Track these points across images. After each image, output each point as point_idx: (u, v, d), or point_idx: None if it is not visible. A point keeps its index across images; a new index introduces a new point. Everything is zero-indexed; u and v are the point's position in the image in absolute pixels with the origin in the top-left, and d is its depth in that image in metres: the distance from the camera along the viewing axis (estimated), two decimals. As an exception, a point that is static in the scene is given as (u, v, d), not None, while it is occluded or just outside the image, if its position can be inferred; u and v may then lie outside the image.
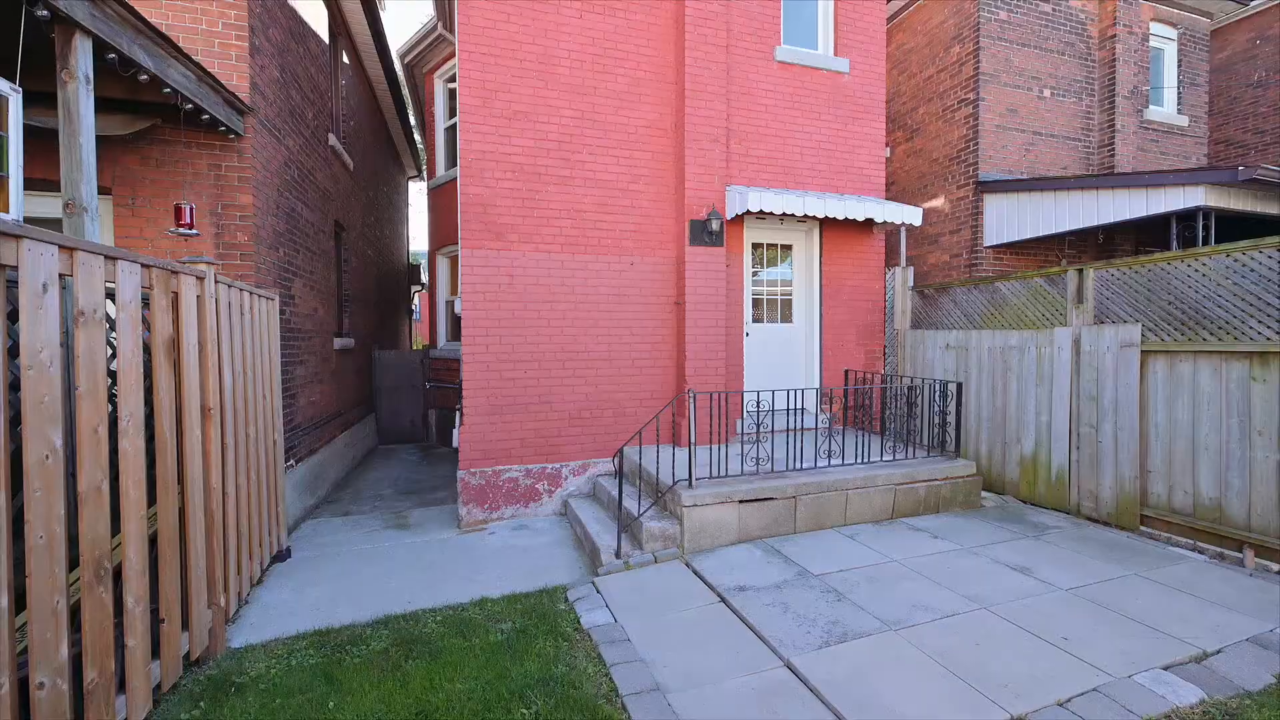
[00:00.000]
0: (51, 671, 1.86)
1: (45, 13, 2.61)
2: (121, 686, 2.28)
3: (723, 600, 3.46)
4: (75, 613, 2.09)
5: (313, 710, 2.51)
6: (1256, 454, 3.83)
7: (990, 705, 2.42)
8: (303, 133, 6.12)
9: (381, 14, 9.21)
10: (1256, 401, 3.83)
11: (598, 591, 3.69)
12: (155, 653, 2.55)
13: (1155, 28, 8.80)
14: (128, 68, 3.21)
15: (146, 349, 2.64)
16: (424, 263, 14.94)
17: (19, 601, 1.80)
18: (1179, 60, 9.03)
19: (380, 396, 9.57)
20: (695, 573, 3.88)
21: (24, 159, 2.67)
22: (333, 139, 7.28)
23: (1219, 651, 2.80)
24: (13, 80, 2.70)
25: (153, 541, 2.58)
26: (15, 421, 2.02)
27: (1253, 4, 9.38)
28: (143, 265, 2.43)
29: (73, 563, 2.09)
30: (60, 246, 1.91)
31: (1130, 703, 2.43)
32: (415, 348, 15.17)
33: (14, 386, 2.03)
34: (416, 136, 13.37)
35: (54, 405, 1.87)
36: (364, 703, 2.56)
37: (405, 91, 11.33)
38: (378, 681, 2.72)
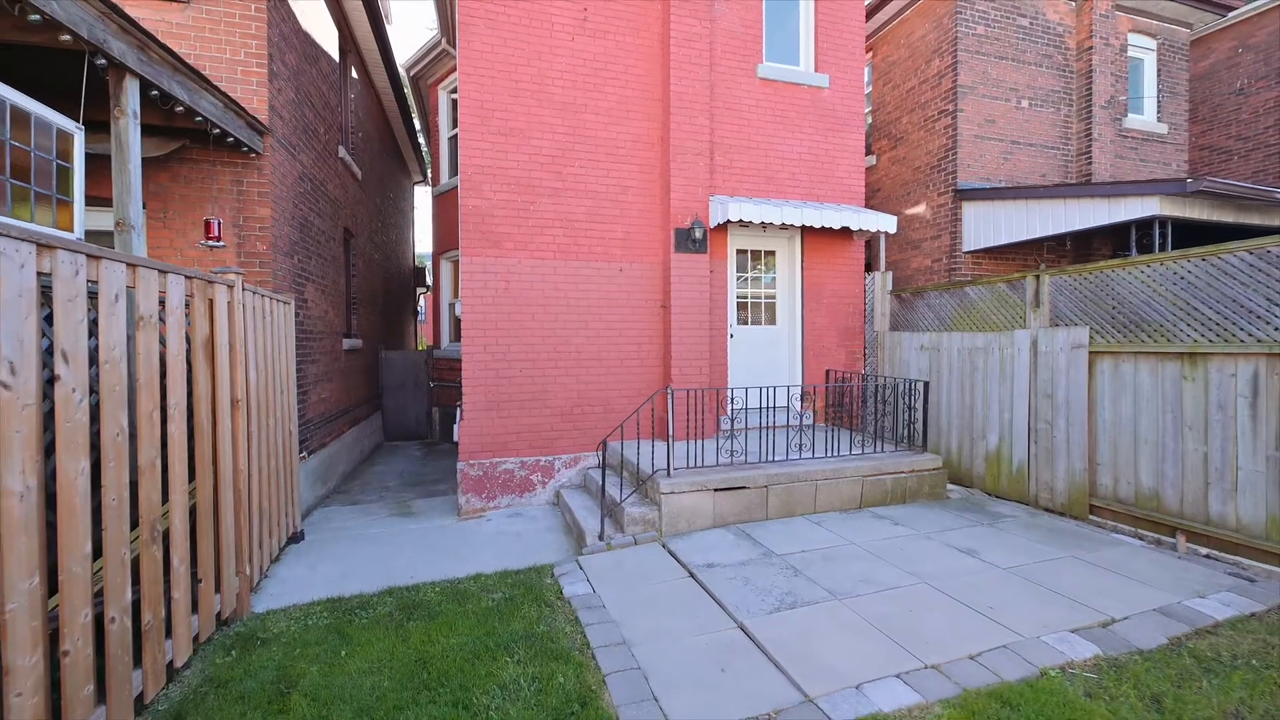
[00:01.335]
0: (120, 610, 2.28)
1: (103, 61, 3.05)
2: (168, 632, 2.70)
3: (691, 575, 3.85)
4: (133, 566, 2.51)
5: (328, 658, 2.93)
6: (1187, 447, 4.17)
7: (909, 657, 2.79)
8: (315, 147, 6.57)
9: (388, 28, 9.68)
10: (1187, 399, 4.17)
11: (580, 568, 4.09)
12: (194, 609, 2.97)
13: (1134, 38, 9.08)
14: (167, 101, 3.65)
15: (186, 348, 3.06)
16: (429, 265, 15.43)
17: (95, 551, 2.22)
18: (1158, 69, 9.31)
19: (386, 395, 10.03)
20: (670, 553, 4.26)
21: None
22: (342, 151, 7.73)
23: (1126, 618, 3.15)
24: (76, 119, 3.14)
25: (191, 513, 3.01)
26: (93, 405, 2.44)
27: (1231, 15, 9.63)
28: (186, 277, 2.86)
29: (129, 525, 2.51)
30: (127, 264, 2.34)
31: (1032, 656, 2.79)
32: (420, 348, 15.64)
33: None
34: (421, 140, 13.86)
35: (122, 392, 2.30)
36: (371, 653, 2.97)
37: (411, 102, 11.81)
38: (383, 637, 3.13)
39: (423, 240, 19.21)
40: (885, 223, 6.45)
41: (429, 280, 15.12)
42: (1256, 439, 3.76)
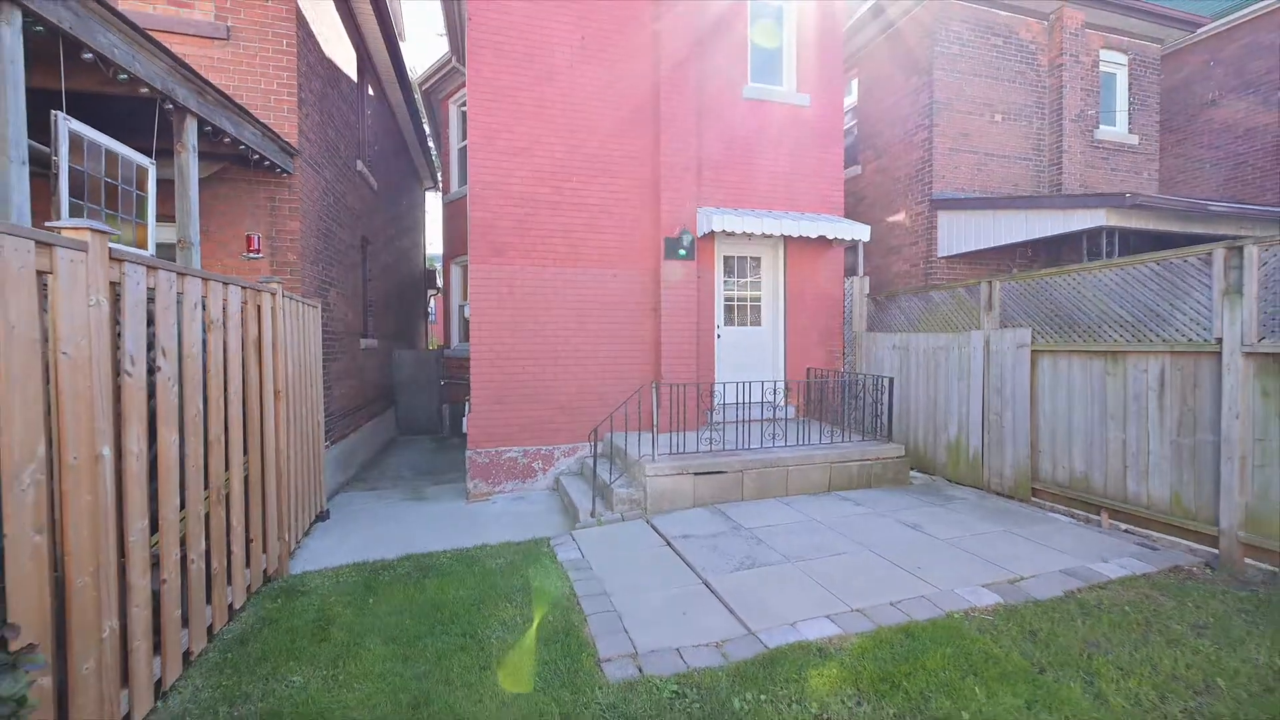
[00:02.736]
0: (198, 555, 2.87)
1: (170, 105, 3.66)
2: (229, 580, 3.30)
3: (669, 544, 4.41)
4: (204, 522, 3.11)
5: (358, 604, 3.52)
6: (1110, 435, 4.69)
7: (840, 604, 3.35)
8: (336, 163, 7.19)
9: (401, 46, 10.30)
10: (1110, 392, 4.68)
11: (573, 539, 4.66)
12: (246, 564, 3.57)
13: (1105, 54, 9.55)
14: (217, 134, 4.26)
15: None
16: (439, 268, 16.05)
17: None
18: (1130, 83, 9.77)
19: (399, 392, 10.65)
20: (653, 527, 4.83)
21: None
22: (360, 164, 8.36)
23: (1033, 577, 3.69)
24: (139, 150, 3.75)
25: (244, 483, 3.60)
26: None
27: (1201, 30, 10.08)
28: (242, 287, 3.46)
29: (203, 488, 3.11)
30: (202, 278, 2.94)
31: (943, 604, 3.34)
32: (431, 348, 16.27)
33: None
34: (431, 146, 14.49)
35: (199, 381, 2.89)
36: (394, 600, 3.56)
37: (423, 114, 12.44)
38: (403, 590, 3.72)
39: (433, 242, 19.84)
40: (860, 231, 6.99)
41: (439, 283, 15.73)
42: (1163, 427, 4.28)
